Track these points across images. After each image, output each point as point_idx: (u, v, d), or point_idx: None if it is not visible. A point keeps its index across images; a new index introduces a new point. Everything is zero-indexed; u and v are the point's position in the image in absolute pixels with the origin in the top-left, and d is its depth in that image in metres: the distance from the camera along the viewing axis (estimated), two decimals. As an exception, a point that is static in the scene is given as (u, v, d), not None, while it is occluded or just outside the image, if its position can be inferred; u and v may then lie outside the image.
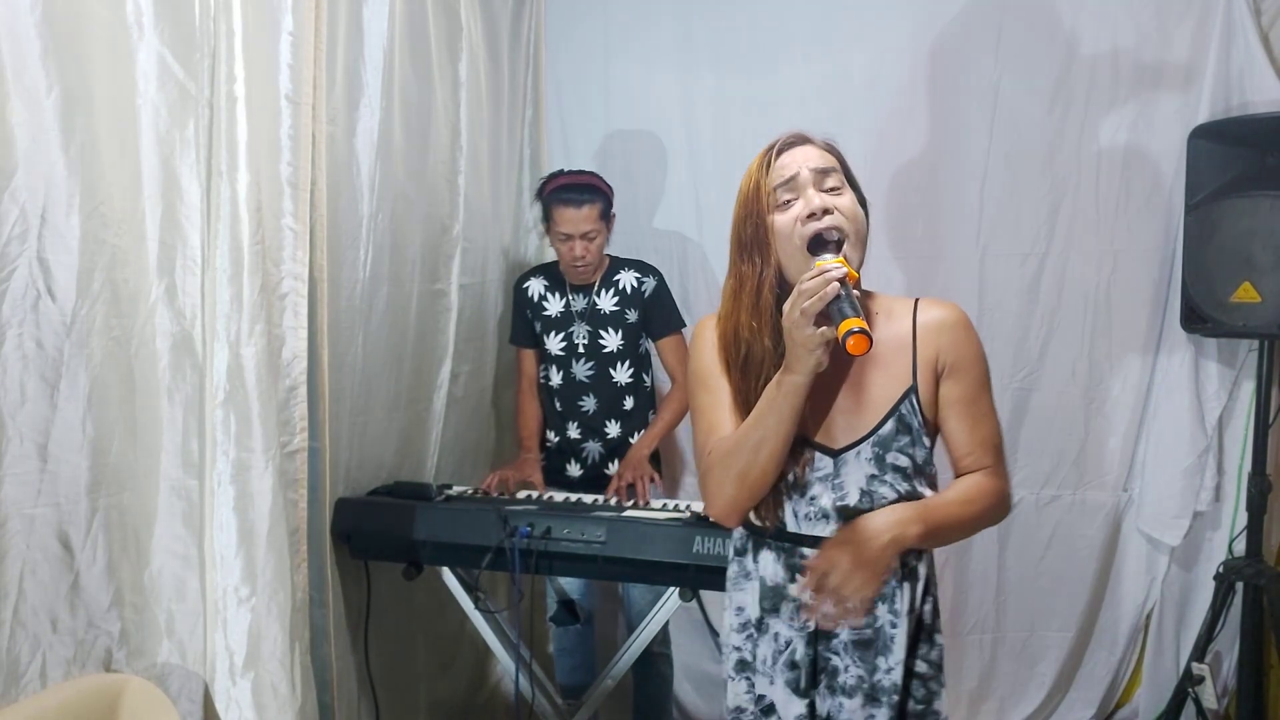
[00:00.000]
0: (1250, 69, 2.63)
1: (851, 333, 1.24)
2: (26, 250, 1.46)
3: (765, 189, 1.43)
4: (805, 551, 1.47)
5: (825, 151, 1.46)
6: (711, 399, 1.51)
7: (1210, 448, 2.77)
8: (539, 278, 2.75)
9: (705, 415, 1.52)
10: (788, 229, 1.41)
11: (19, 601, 1.48)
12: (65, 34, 1.49)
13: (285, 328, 1.91)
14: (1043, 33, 2.81)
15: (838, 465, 1.46)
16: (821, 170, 1.42)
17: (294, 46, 1.89)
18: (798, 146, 1.45)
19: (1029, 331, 2.91)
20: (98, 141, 1.56)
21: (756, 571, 1.55)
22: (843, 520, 1.45)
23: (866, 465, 1.44)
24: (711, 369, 1.52)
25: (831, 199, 1.41)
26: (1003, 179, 2.88)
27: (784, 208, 1.42)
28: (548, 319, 2.71)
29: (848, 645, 1.48)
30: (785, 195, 1.42)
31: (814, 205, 1.39)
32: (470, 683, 2.96)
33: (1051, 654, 2.98)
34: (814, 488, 1.47)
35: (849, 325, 1.25)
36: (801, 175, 1.41)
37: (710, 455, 1.47)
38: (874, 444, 1.45)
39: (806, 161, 1.42)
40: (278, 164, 1.88)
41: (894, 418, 1.45)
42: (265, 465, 1.82)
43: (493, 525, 2.15)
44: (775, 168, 1.43)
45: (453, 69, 2.63)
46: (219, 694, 1.80)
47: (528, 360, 2.81)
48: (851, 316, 1.26)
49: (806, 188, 1.41)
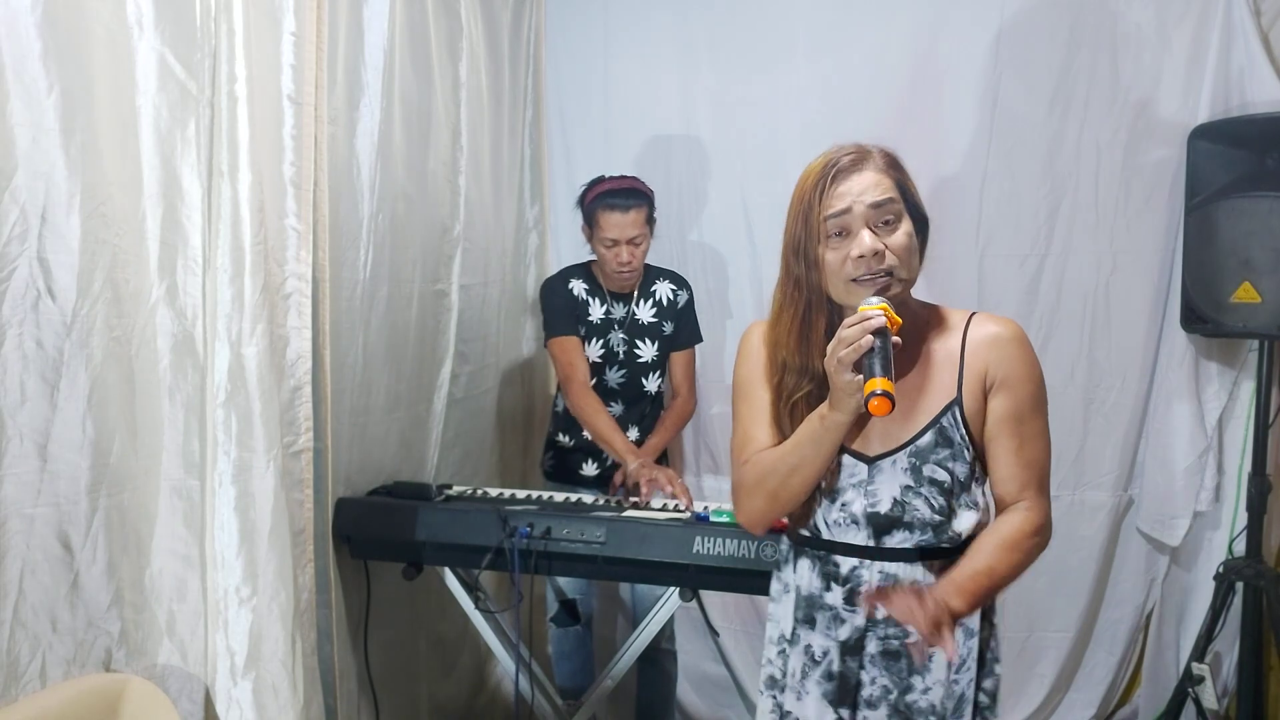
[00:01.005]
0: (1250, 69, 2.63)
1: (874, 394, 1.25)
2: (27, 250, 1.46)
3: (817, 216, 1.37)
4: (838, 560, 1.47)
5: (884, 175, 1.39)
6: (750, 409, 1.51)
7: (1210, 448, 2.77)
8: (579, 280, 2.69)
9: (742, 424, 1.52)
10: (837, 265, 1.37)
11: (19, 601, 1.48)
12: (66, 34, 1.49)
13: (289, 328, 1.91)
14: (1043, 33, 2.81)
15: (872, 472, 1.44)
16: (877, 205, 1.36)
17: (296, 47, 1.90)
18: (855, 174, 1.37)
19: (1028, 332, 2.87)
20: (98, 141, 1.56)
21: (794, 582, 1.54)
22: (873, 528, 1.44)
23: (902, 475, 1.43)
24: (752, 377, 1.52)
25: (885, 236, 1.36)
26: (1002, 179, 2.88)
27: (835, 241, 1.37)
28: (590, 324, 2.67)
29: (877, 657, 1.46)
30: (837, 227, 1.36)
31: (865, 247, 1.34)
32: (470, 683, 2.96)
33: (1051, 654, 2.98)
34: (846, 493, 1.45)
35: (873, 386, 1.26)
36: (855, 211, 1.36)
37: (745, 466, 1.48)
38: (910, 454, 1.42)
39: (862, 195, 1.36)
40: (280, 164, 1.88)
41: (934, 429, 1.42)
42: (267, 465, 1.82)
43: (493, 525, 2.15)
44: (829, 196, 1.36)
45: (453, 69, 2.63)
46: (220, 695, 1.80)
47: (572, 348, 2.60)
48: (877, 376, 1.26)
49: (860, 226, 1.36)
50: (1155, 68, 2.74)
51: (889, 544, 1.44)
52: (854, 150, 1.41)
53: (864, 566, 1.45)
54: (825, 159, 1.41)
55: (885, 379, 1.26)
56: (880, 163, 1.40)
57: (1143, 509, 2.90)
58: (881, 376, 1.26)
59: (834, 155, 1.40)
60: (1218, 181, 2.57)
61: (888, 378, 1.26)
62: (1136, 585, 2.94)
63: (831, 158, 1.40)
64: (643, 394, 2.70)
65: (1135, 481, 2.92)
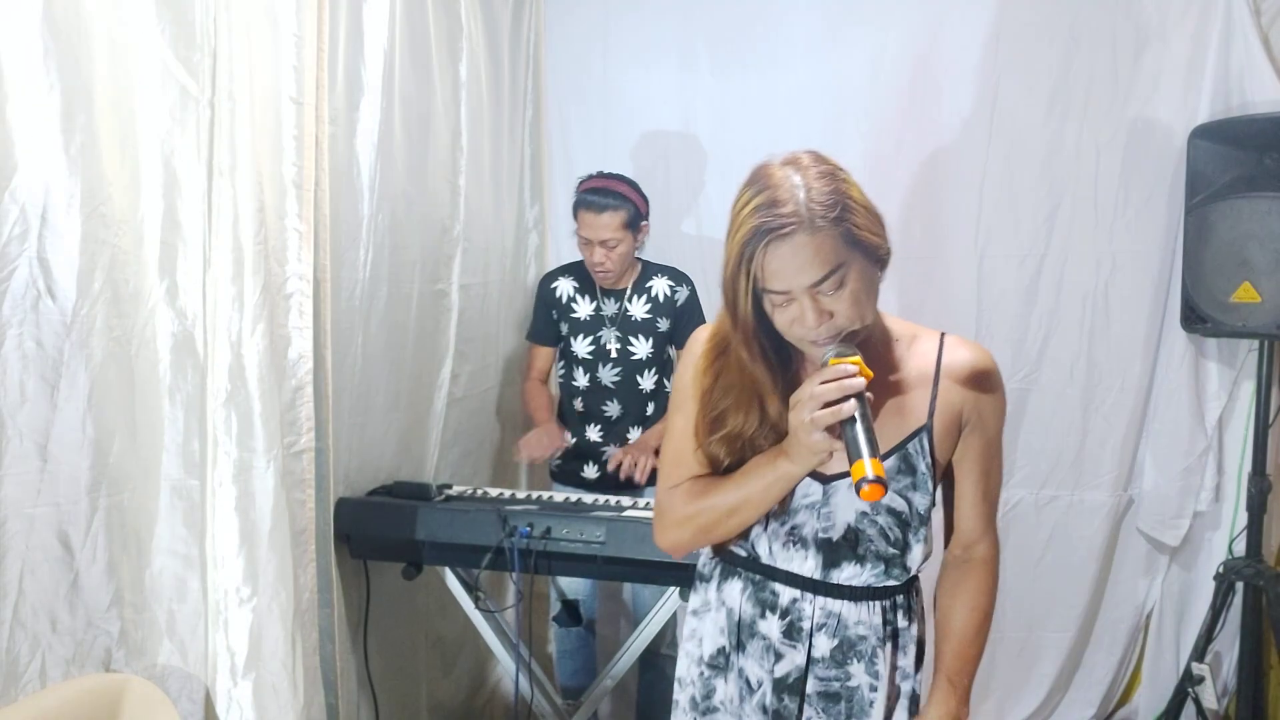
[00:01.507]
0: (1250, 69, 2.63)
1: (866, 481, 1.12)
2: (26, 250, 1.46)
3: (753, 279, 1.20)
4: (778, 589, 1.36)
5: (824, 238, 1.17)
6: (687, 426, 1.38)
7: (1210, 448, 2.78)
8: (568, 278, 2.72)
9: (675, 441, 1.39)
10: (785, 325, 1.24)
11: (19, 601, 1.48)
12: (65, 34, 1.49)
13: (291, 328, 1.91)
14: (1043, 33, 2.81)
15: (827, 493, 1.33)
16: (814, 284, 1.18)
17: (298, 47, 1.90)
18: (789, 243, 1.16)
19: (1028, 332, 2.91)
20: (98, 141, 1.56)
21: (721, 601, 1.42)
22: (823, 554, 1.33)
23: (858, 500, 1.26)
24: (689, 390, 1.38)
25: (830, 301, 1.20)
26: (1002, 179, 2.88)
27: (778, 299, 1.22)
28: (576, 321, 2.69)
29: (814, 697, 1.37)
30: (779, 299, 1.21)
31: (809, 321, 1.20)
32: (470, 682, 2.96)
33: (1051, 654, 2.98)
34: (799, 515, 1.34)
35: (861, 470, 1.13)
36: (794, 293, 1.20)
37: (675, 492, 1.36)
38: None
39: (800, 274, 1.17)
40: (281, 164, 1.88)
41: (898, 454, 1.32)
42: (267, 465, 1.82)
43: (492, 525, 2.15)
44: (764, 266, 1.18)
45: (453, 69, 2.63)
46: (220, 695, 1.80)
47: (541, 357, 2.78)
48: (864, 455, 1.13)
49: (803, 297, 1.19)
50: (1155, 68, 2.75)
51: (837, 578, 1.34)
52: (787, 201, 1.17)
53: (806, 600, 1.35)
54: (754, 212, 1.18)
55: (876, 459, 1.13)
56: (820, 219, 1.17)
57: (1143, 509, 2.90)
58: (872, 457, 1.13)
59: (763, 212, 1.18)
60: (1217, 181, 2.57)
61: (876, 457, 1.13)
62: (1136, 585, 2.94)
63: (760, 219, 1.17)
64: (640, 392, 2.70)
65: (1135, 481, 2.92)
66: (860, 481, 1.12)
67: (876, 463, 1.12)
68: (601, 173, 2.65)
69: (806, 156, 1.24)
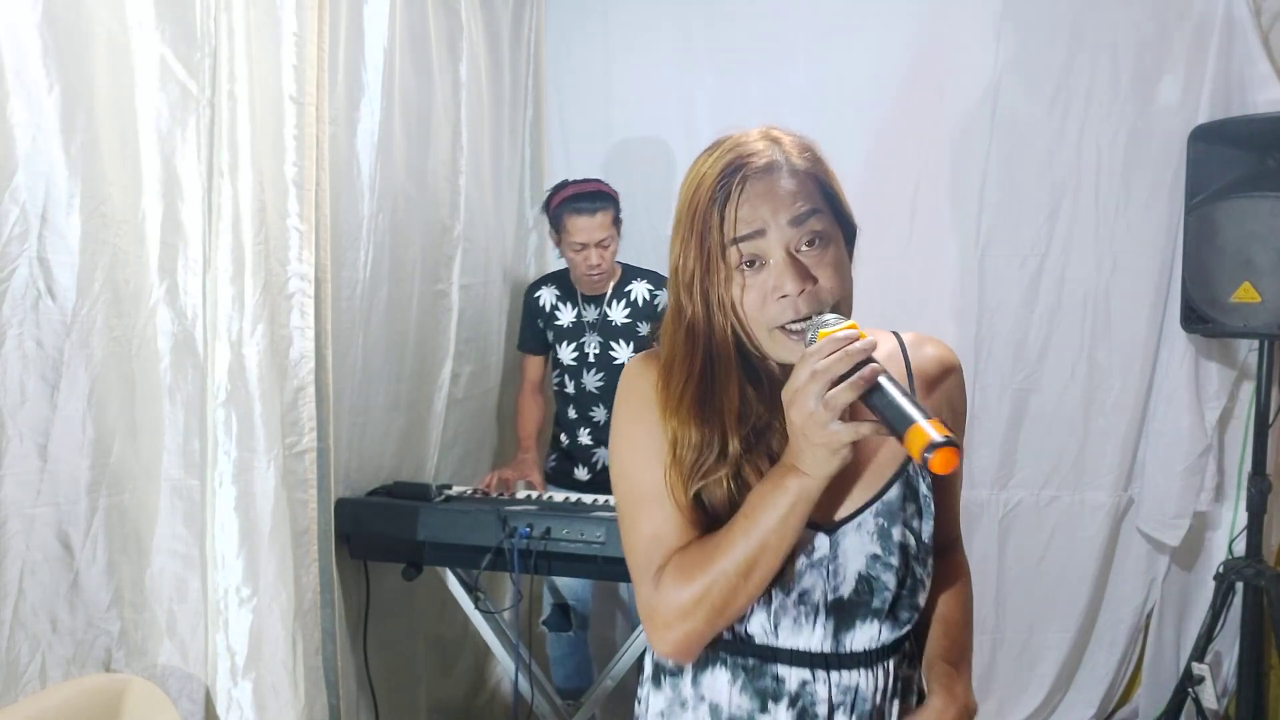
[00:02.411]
0: (1250, 69, 2.64)
1: (935, 445, 0.86)
2: (27, 250, 1.46)
3: (717, 241, 1.02)
4: (782, 672, 1.09)
5: (805, 179, 1.03)
6: (649, 491, 1.07)
7: (1210, 448, 2.78)
8: (550, 286, 2.76)
9: (641, 515, 1.07)
10: (754, 308, 1.02)
11: (19, 601, 1.48)
12: (65, 33, 1.49)
13: (292, 328, 1.91)
14: (1043, 33, 2.81)
15: (834, 544, 1.08)
16: (799, 220, 1.01)
17: (298, 47, 1.89)
18: (766, 180, 1.01)
19: (1029, 332, 2.91)
20: (98, 141, 1.55)
21: (700, 697, 1.12)
22: (834, 619, 1.08)
23: (869, 541, 1.08)
24: (644, 443, 1.08)
25: (812, 261, 1.01)
26: (1003, 179, 2.88)
27: (747, 274, 1.02)
28: (560, 329, 2.72)
29: None
30: (748, 255, 1.01)
31: (788, 285, 0.99)
32: (469, 683, 2.96)
33: (1051, 654, 2.98)
34: (805, 577, 1.07)
35: (923, 436, 0.87)
36: (770, 235, 1.00)
37: (662, 579, 1.03)
38: (878, 513, 1.09)
39: (777, 213, 1.00)
40: (282, 164, 1.88)
41: (901, 480, 1.11)
42: (268, 465, 1.82)
43: (492, 525, 2.15)
44: (736, 218, 1.00)
45: (453, 69, 2.63)
46: (220, 695, 1.80)
47: (532, 366, 2.83)
48: (918, 419, 0.88)
49: (779, 252, 1.00)
50: (1155, 68, 2.75)
51: (850, 643, 1.09)
52: (761, 145, 1.04)
53: (818, 680, 1.09)
54: (721, 157, 1.05)
55: (934, 420, 0.88)
56: (798, 160, 1.04)
57: (1143, 509, 2.90)
58: (929, 418, 0.88)
59: (734, 152, 1.04)
60: (1218, 181, 2.57)
61: (930, 416, 0.89)
62: (1136, 585, 2.94)
63: (732, 157, 1.04)
64: None
65: (1135, 481, 2.92)
66: (928, 450, 0.86)
67: (935, 422, 0.88)
68: (573, 180, 2.68)
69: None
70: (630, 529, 1.08)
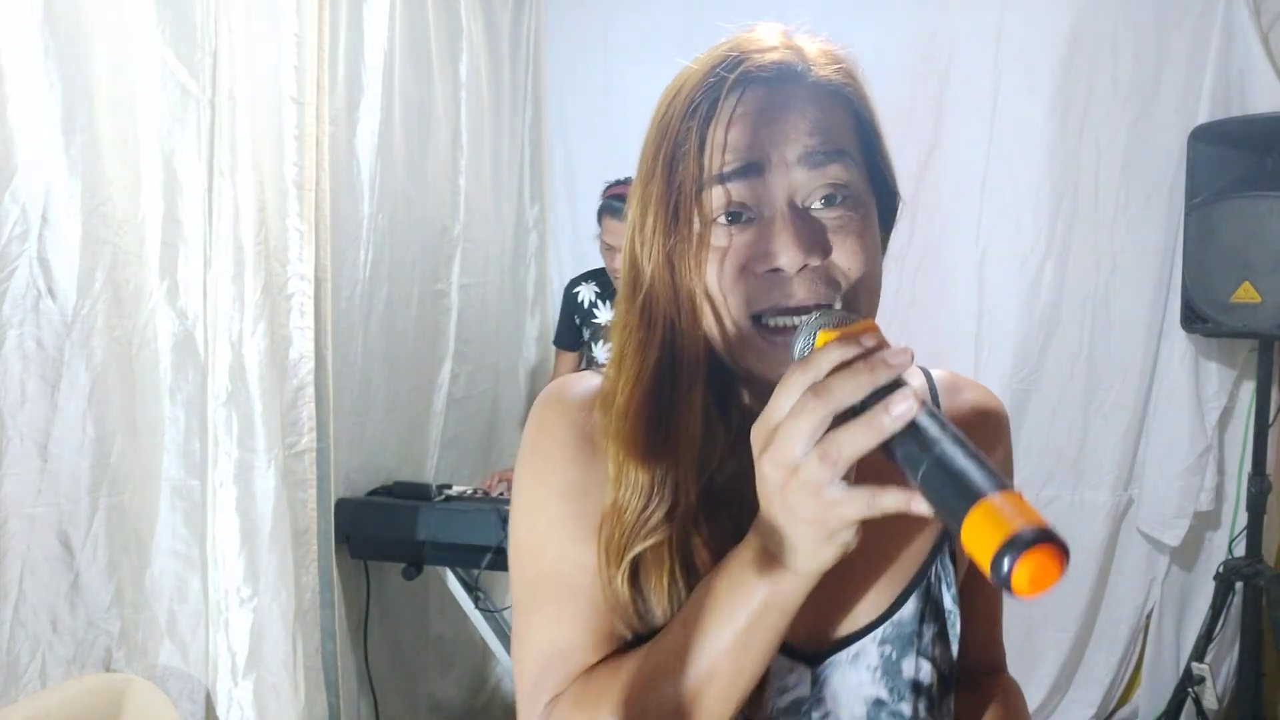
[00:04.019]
0: (1250, 69, 2.63)
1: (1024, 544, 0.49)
2: (27, 250, 1.46)
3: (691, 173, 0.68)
4: None
5: (832, 101, 0.72)
6: (555, 580, 0.72)
7: (1210, 448, 2.77)
8: (590, 284, 2.76)
9: (536, 615, 0.73)
10: (729, 278, 0.68)
11: (19, 601, 1.48)
12: (66, 34, 1.49)
13: (292, 328, 1.91)
14: (1043, 33, 2.81)
15: (819, 682, 0.73)
16: (811, 158, 0.68)
17: (299, 47, 1.90)
18: (772, 91, 0.69)
19: (1029, 331, 2.90)
20: (99, 141, 1.56)
21: None
22: None
23: (869, 681, 0.73)
24: (554, 512, 0.73)
25: (828, 224, 0.68)
26: (1002, 179, 2.88)
27: (733, 231, 0.68)
28: (598, 327, 2.72)
29: None
30: (737, 201, 0.68)
31: (781, 257, 0.66)
32: (469, 682, 2.96)
33: (1051, 654, 2.98)
34: None
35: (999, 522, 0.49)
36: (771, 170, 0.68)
37: (556, 709, 0.68)
38: (884, 640, 0.74)
39: (783, 143, 0.67)
40: (282, 164, 1.88)
41: (919, 591, 0.75)
42: (268, 465, 1.82)
43: (492, 525, 2.15)
44: (724, 142, 0.67)
45: (453, 69, 2.63)
46: (220, 695, 1.80)
47: (565, 362, 2.82)
48: (988, 488, 0.50)
49: (780, 202, 0.67)
50: (1155, 68, 2.74)
51: None
52: (775, 42, 0.74)
53: None
54: (714, 52, 0.74)
55: (1016, 496, 0.51)
56: (825, 71, 0.73)
57: (1143, 509, 2.89)
58: (1002, 490, 0.50)
59: (733, 47, 0.73)
60: (1218, 182, 2.56)
61: (1009, 488, 0.51)
62: (1136, 585, 2.94)
63: (728, 50, 0.72)
64: None
65: (1135, 482, 2.91)
66: (1008, 551, 0.49)
67: (1019, 500, 0.50)
68: (620, 180, 2.66)
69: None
70: (522, 634, 0.73)
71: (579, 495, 0.72)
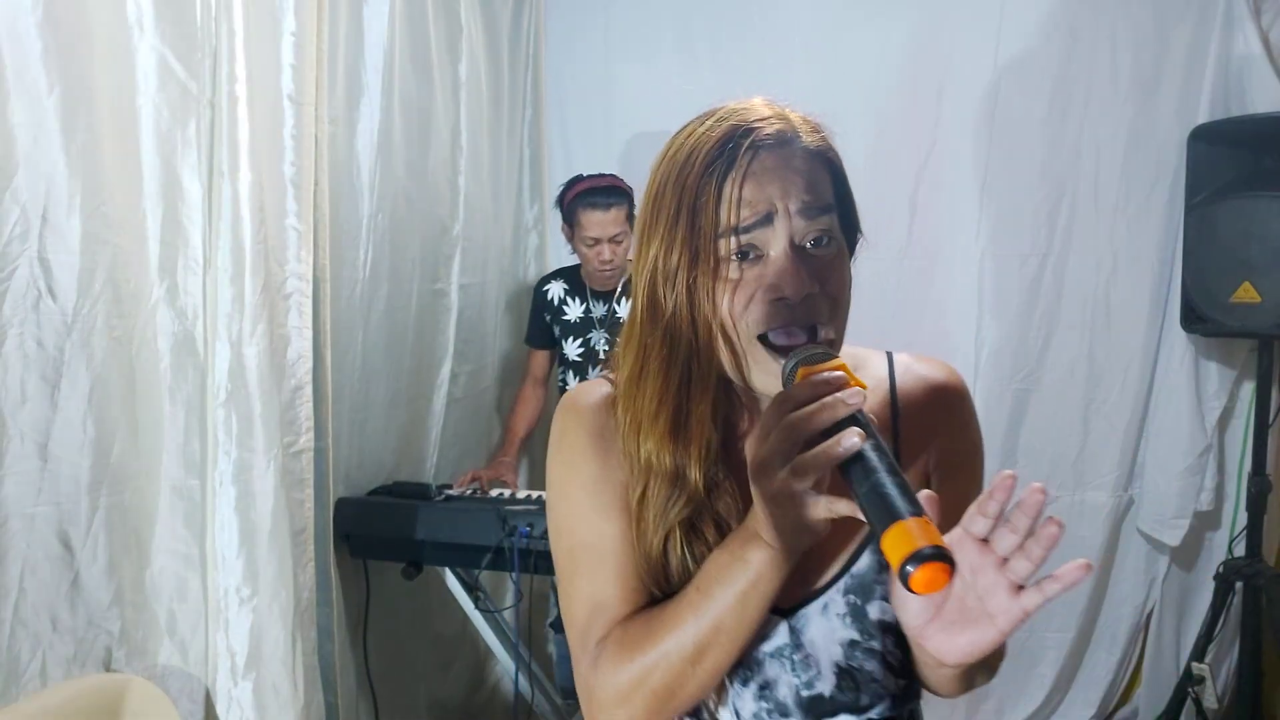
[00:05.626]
0: (1250, 69, 2.63)
1: (921, 558, 0.64)
2: (27, 250, 1.46)
3: (710, 222, 0.84)
4: None
5: (819, 164, 0.88)
6: (594, 547, 0.91)
7: (1210, 448, 2.77)
8: (559, 281, 2.77)
9: (580, 577, 0.92)
10: (741, 305, 0.84)
11: (19, 600, 1.48)
12: (66, 34, 1.49)
13: (290, 328, 1.92)
14: (1043, 33, 2.81)
15: (795, 631, 0.90)
16: (808, 211, 0.85)
17: (297, 47, 1.90)
18: (776, 154, 0.86)
19: (1029, 331, 2.90)
20: (99, 141, 1.56)
21: None
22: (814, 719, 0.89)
23: (840, 625, 0.89)
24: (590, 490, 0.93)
25: (819, 261, 0.85)
26: (1003, 179, 2.88)
27: (746, 266, 0.84)
28: (567, 324, 2.72)
29: None
30: (747, 242, 0.84)
31: (786, 289, 0.82)
32: (469, 681, 2.96)
33: (1051, 654, 2.98)
34: (767, 668, 0.90)
35: (906, 538, 0.65)
36: (776, 222, 0.84)
37: (601, 652, 0.88)
38: (847, 590, 0.90)
39: (787, 197, 0.84)
40: (280, 164, 1.88)
41: (871, 546, 0.90)
42: (267, 465, 1.82)
43: (492, 525, 2.15)
44: (739, 198, 0.83)
45: (453, 69, 2.63)
46: (220, 695, 1.80)
47: (537, 361, 2.83)
48: (904, 512, 0.66)
49: (781, 243, 0.84)
50: (1155, 67, 2.74)
51: None
52: (768, 113, 0.90)
53: None
54: (720, 123, 0.89)
55: (923, 519, 0.66)
56: (810, 139, 0.89)
57: (1143, 509, 2.89)
58: (915, 515, 0.66)
59: (736, 118, 0.89)
60: (1218, 181, 2.56)
61: (923, 515, 0.67)
62: (1136, 585, 2.94)
63: (735, 122, 0.88)
64: None
65: (1135, 482, 2.91)
66: (910, 562, 0.64)
67: (925, 523, 0.66)
68: (588, 175, 2.67)
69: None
70: (569, 593, 0.92)
71: (599, 483, 0.92)
